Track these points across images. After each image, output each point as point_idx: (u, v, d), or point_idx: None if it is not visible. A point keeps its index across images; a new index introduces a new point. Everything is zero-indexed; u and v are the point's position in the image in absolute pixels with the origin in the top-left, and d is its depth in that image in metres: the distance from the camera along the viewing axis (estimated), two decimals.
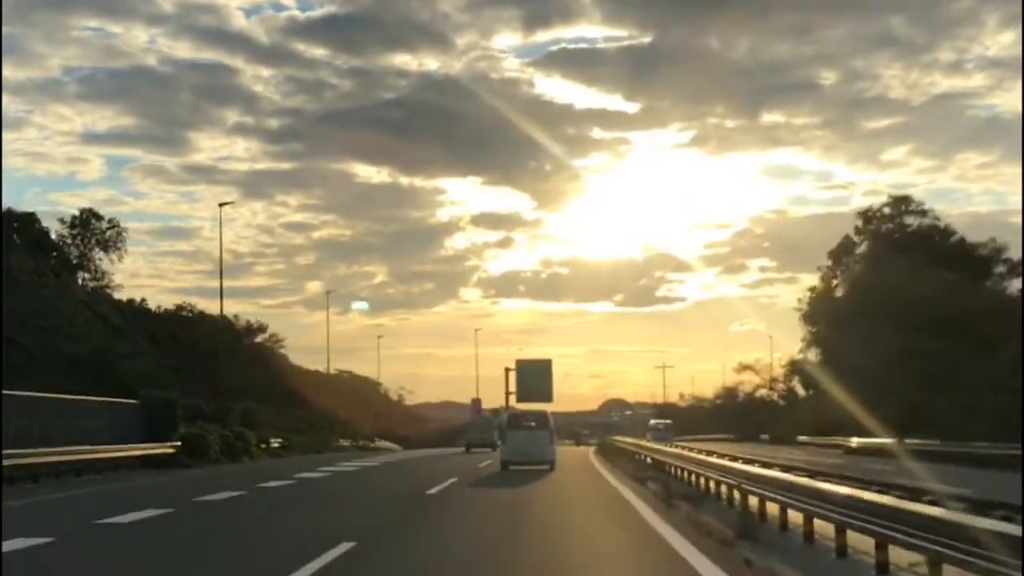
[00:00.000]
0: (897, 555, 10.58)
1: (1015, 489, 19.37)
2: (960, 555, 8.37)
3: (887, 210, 71.09)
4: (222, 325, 60.59)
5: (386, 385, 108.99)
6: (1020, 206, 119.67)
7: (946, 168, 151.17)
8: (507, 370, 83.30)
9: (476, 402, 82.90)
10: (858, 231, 72.23)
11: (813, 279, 77.53)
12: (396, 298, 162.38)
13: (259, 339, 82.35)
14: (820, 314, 68.77)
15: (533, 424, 31.60)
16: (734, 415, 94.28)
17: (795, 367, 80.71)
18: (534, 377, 70.62)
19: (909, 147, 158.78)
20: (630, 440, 52.67)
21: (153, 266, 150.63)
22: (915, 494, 17.96)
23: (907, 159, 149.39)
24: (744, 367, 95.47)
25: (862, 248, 71.92)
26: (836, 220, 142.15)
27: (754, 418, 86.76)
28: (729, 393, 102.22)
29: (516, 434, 31.26)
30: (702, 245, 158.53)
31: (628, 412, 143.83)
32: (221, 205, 61.02)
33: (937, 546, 8.84)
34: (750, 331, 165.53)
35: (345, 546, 11.87)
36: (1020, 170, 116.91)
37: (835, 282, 73.42)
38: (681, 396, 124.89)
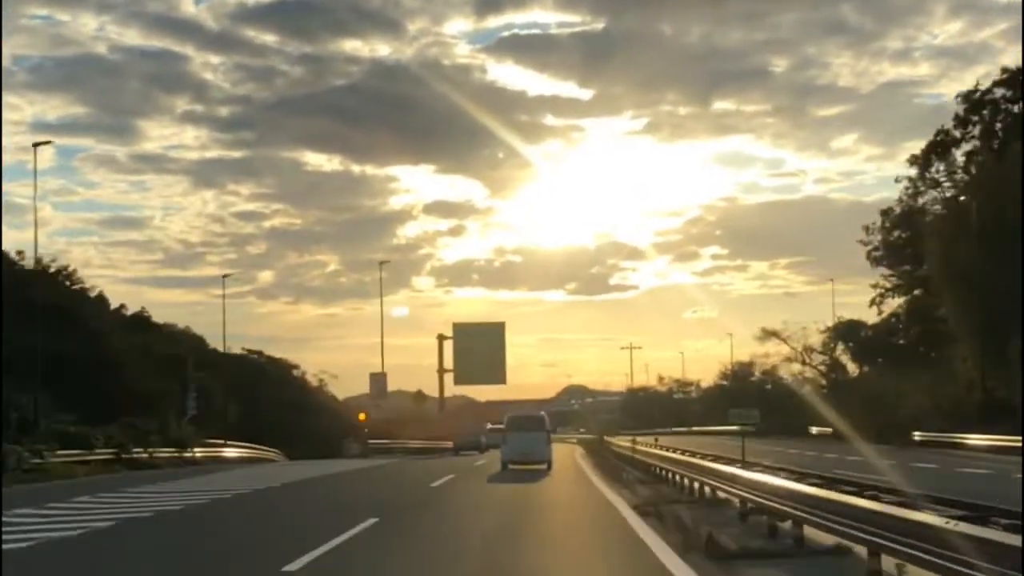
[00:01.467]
0: None
1: None
2: None
3: (1003, 91, 47.71)
4: None
5: (304, 369, 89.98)
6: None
7: (894, 156, 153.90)
8: (440, 339, 60.77)
9: (378, 377, 67.87)
10: (961, 121, 48.73)
11: (763, 266, 57.49)
12: (348, 287, 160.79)
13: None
14: (935, 233, 45.00)
15: (532, 427, 33.22)
16: (746, 399, 70.93)
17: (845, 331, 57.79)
18: (481, 349, 49.07)
19: (857, 135, 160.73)
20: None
21: (105, 256, 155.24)
22: None
23: (856, 147, 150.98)
24: (769, 333, 72.24)
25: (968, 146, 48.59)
26: (787, 208, 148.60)
27: (781, 402, 63.11)
28: (742, 371, 79.14)
29: (516, 436, 32.80)
30: (654, 233, 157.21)
31: (589, 400, 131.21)
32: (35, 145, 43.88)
33: None
34: (702, 319, 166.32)
35: None
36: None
37: (932, 192, 49.97)
38: (661, 380, 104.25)
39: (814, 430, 54.63)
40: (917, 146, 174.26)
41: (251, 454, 52.65)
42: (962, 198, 45.31)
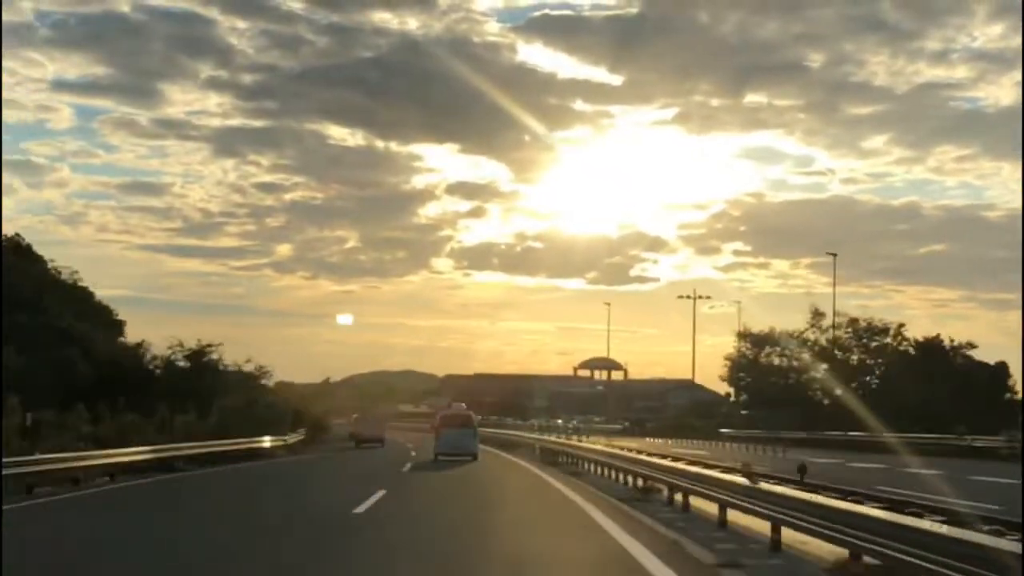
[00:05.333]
0: None
1: None
2: None
3: None
4: None
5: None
6: (995, 201, 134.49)
7: (924, 159, 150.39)
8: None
9: None
10: None
11: (785, 265, 56.53)
12: (367, 265, 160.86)
13: None
14: None
15: (462, 424, 38.43)
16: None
17: None
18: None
19: (889, 136, 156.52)
20: None
21: (123, 221, 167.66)
22: None
23: (887, 148, 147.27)
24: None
25: None
26: (813, 207, 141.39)
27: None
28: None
29: (448, 432, 37.72)
30: (677, 225, 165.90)
31: (618, 380, 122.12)
32: None
33: None
34: (720, 314, 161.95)
35: None
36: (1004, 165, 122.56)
37: None
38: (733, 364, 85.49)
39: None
40: (948, 151, 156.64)
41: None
42: None
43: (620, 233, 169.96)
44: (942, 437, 44.18)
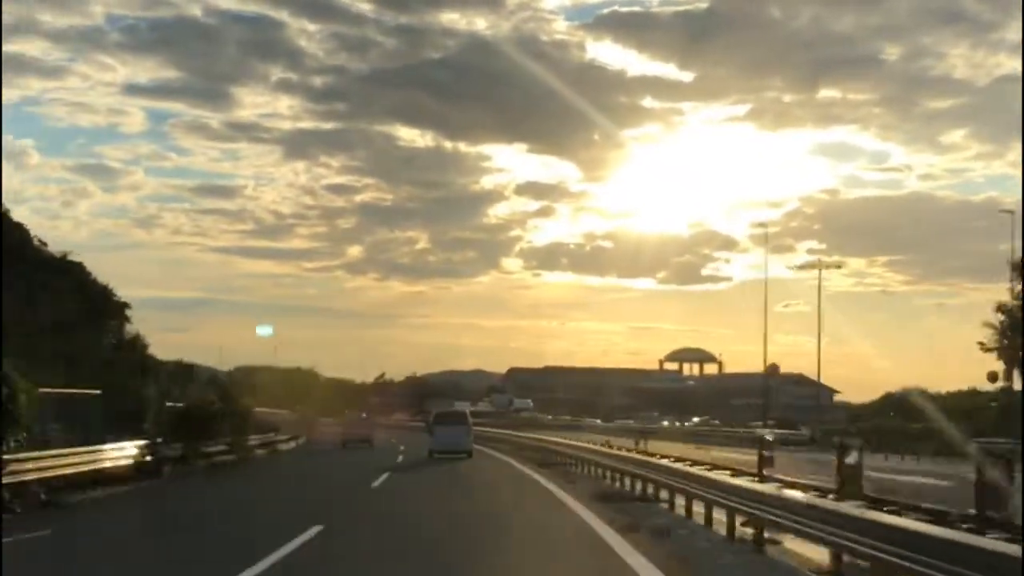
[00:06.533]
0: None
1: None
2: None
3: None
4: None
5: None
6: None
7: (1003, 154, 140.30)
8: None
9: None
10: None
11: (861, 263, 58.39)
12: (437, 266, 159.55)
13: None
14: None
15: (456, 421, 39.54)
16: None
17: None
18: None
19: (968, 130, 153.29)
20: None
21: (196, 224, 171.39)
22: None
23: (966, 143, 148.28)
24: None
25: None
26: (889, 204, 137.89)
27: None
28: None
29: (441, 429, 38.56)
30: (750, 224, 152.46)
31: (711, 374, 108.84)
32: None
33: None
34: (795, 312, 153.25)
35: None
36: None
37: None
38: None
39: None
40: None
41: None
42: None
43: (691, 232, 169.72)
44: None
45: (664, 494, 18.98)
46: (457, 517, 17.09)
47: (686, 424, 65.28)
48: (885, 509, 11.39)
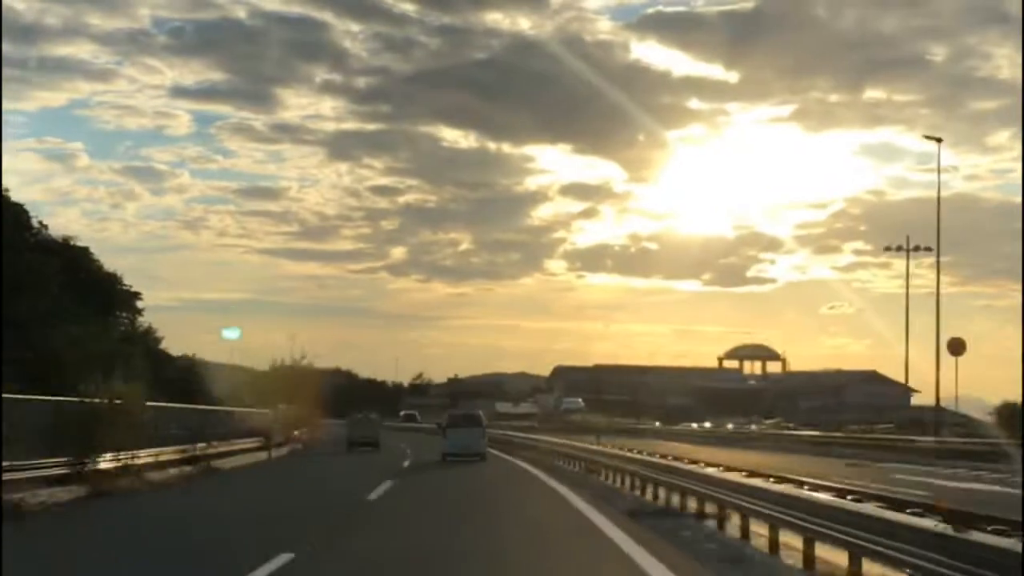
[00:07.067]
0: None
1: None
2: None
3: None
4: None
5: None
6: None
7: None
8: None
9: None
10: None
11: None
12: (480, 267, 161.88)
13: None
14: None
15: (469, 423, 37.87)
16: None
17: None
18: None
19: (1013, 131, 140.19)
20: None
21: (241, 225, 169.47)
22: None
23: (1011, 143, 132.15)
24: None
25: None
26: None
27: None
28: None
29: (455, 431, 37.05)
30: (795, 225, 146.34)
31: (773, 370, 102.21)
32: None
33: None
34: (840, 315, 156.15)
35: None
36: None
37: None
38: None
39: None
40: None
41: None
42: None
43: (736, 233, 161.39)
44: None
45: None
46: None
47: (755, 427, 58.79)
48: None
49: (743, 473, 17.91)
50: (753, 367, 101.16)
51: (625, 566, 11.61)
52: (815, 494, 12.42)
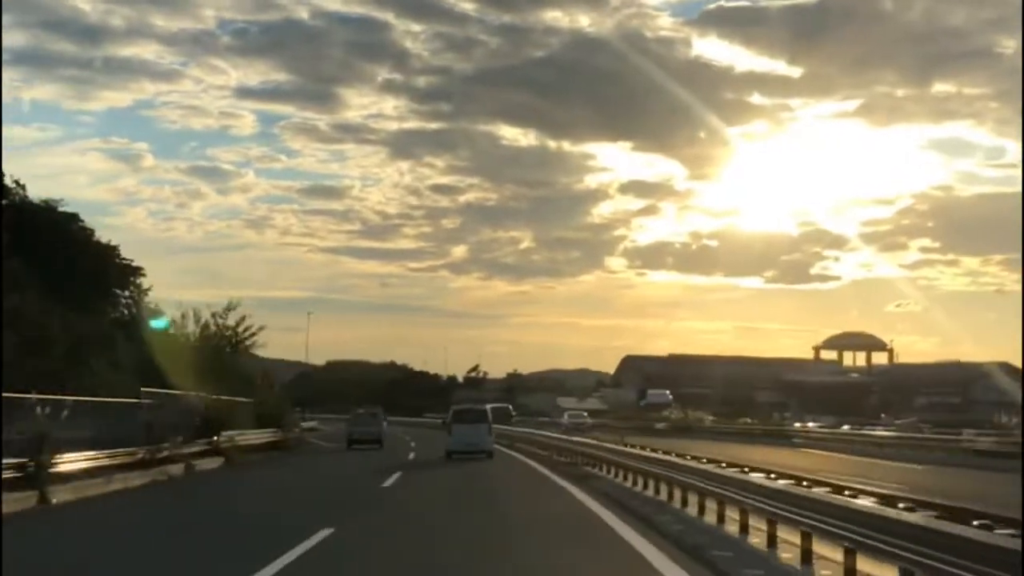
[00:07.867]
0: None
1: None
2: None
3: None
4: None
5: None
6: None
7: None
8: None
9: None
10: None
11: (975, 262, 32.76)
12: (540, 265, 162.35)
13: None
14: None
15: (475, 419, 36.58)
16: None
17: None
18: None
19: None
20: None
21: (304, 224, 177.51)
22: None
23: None
24: None
25: None
26: (1005, 201, 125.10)
27: None
28: None
29: (460, 427, 35.93)
30: (861, 222, 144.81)
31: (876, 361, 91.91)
32: None
33: None
34: (906, 313, 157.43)
35: None
36: None
37: None
38: None
39: None
40: None
41: None
42: None
43: (799, 230, 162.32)
44: None
45: None
46: None
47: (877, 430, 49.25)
48: None
49: None
50: (855, 359, 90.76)
51: None
52: None
